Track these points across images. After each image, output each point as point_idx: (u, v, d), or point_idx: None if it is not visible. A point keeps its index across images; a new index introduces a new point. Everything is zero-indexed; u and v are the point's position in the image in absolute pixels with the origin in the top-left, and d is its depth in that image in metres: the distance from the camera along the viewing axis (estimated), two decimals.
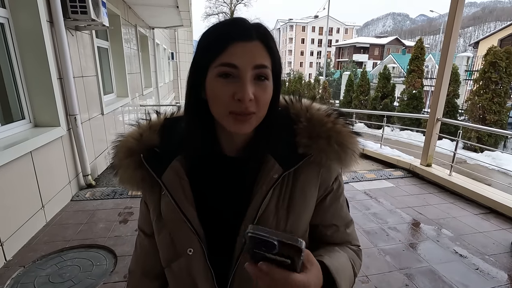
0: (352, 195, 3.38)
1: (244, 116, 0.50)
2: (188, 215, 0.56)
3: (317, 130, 0.57)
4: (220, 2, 37.00)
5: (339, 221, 0.65)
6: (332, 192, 0.63)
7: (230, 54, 0.48)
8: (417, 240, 2.48)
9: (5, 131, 2.32)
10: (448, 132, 6.53)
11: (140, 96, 6.55)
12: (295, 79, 17.29)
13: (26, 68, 2.55)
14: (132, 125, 0.64)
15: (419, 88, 9.65)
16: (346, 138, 0.57)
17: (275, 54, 0.52)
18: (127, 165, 0.60)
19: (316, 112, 0.59)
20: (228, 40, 0.49)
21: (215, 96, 0.51)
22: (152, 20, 7.48)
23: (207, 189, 0.58)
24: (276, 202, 0.57)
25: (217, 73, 0.49)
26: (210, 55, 0.50)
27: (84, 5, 2.87)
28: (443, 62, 3.63)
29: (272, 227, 0.56)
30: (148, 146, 0.60)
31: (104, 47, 4.63)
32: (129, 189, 0.64)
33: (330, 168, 0.60)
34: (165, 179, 0.58)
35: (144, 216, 0.68)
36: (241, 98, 0.48)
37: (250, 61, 0.48)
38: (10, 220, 2.11)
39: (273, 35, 0.53)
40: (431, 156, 3.98)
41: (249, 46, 0.49)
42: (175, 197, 0.57)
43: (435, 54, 23.34)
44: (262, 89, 0.50)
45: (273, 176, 0.56)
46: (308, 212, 0.61)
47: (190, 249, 0.57)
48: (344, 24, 65.66)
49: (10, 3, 2.39)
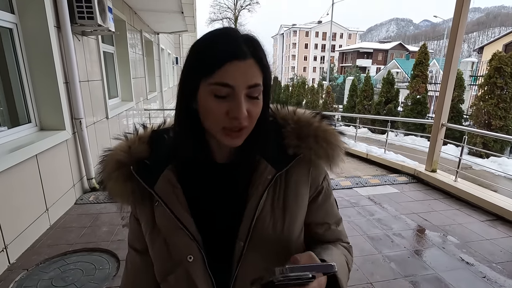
0: (356, 200, 3.35)
1: (237, 132, 0.52)
2: (184, 222, 0.56)
3: (305, 130, 0.60)
4: (224, 8, 37.41)
5: (331, 219, 0.67)
6: (323, 191, 0.65)
7: (225, 73, 0.48)
8: (422, 247, 2.44)
9: (12, 134, 2.35)
10: (453, 138, 6.48)
11: (144, 100, 6.60)
12: (298, 84, 17.31)
13: (33, 73, 2.58)
14: (119, 138, 0.63)
15: (423, 93, 9.62)
16: (332, 136, 0.60)
17: (267, 69, 0.53)
18: (116, 177, 0.59)
19: (302, 114, 0.62)
20: (223, 59, 0.48)
21: (208, 113, 0.51)
22: (157, 25, 7.57)
23: (201, 196, 0.58)
24: (271, 202, 0.58)
25: (211, 91, 0.50)
26: (203, 71, 0.50)
27: (91, 11, 2.91)
28: (447, 67, 3.62)
29: (269, 227, 0.57)
30: (137, 158, 0.59)
31: (110, 52, 4.69)
32: (120, 203, 0.62)
33: (319, 167, 0.63)
34: (158, 189, 0.57)
35: (134, 233, 0.66)
36: (237, 117, 0.49)
37: (245, 81, 0.49)
38: (15, 223, 2.12)
39: (263, 48, 0.54)
40: (436, 162, 3.94)
41: (244, 66, 0.49)
42: (169, 206, 0.57)
43: (439, 59, 23.27)
44: (254, 105, 0.52)
45: (267, 177, 0.57)
46: (302, 211, 0.62)
47: (190, 256, 0.56)
48: (348, 29, 65.88)
49: (18, 8, 2.43)
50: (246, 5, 37.29)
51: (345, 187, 3.74)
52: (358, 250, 2.28)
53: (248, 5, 37.24)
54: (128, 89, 5.27)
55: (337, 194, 3.49)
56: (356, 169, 4.89)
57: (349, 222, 2.79)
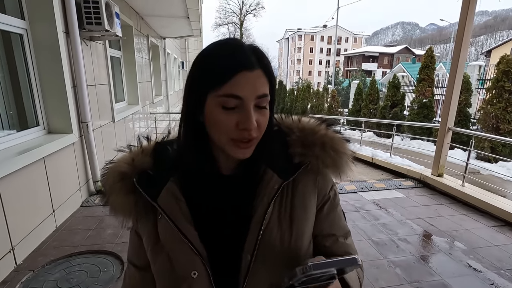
0: (361, 205, 3.32)
1: (246, 143, 0.51)
2: (188, 236, 0.54)
3: (310, 138, 0.59)
4: (230, 13, 37.70)
5: (338, 231, 0.64)
6: (329, 201, 0.63)
7: (234, 85, 0.48)
8: (428, 252, 2.41)
9: (20, 137, 2.39)
10: (460, 142, 6.39)
11: (150, 104, 6.67)
12: (303, 88, 17.31)
13: (42, 77, 2.64)
14: (122, 150, 0.62)
15: (429, 97, 9.54)
16: (339, 143, 0.59)
17: (272, 79, 0.53)
18: (118, 189, 0.57)
19: (307, 123, 0.62)
20: (232, 71, 0.48)
21: (217, 125, 0.50)
22: (164, 30, 7.67)
23: (205, 208, 0.57)
24: (278, 213, 0.57)
25: (219, 103, 0.49)
26: (211, 83, 0.49)
27: (98, 17, 2.97)
28: (454, 71, 3.59)
29: (277, 239, 0.56)
30: (140, 170, 0.58)
31: (117, 56, 4.76)
32: (121, 217, 0.60)
33: (326, 176, 0.62)
34: (161, 202, 0.56)
35: (134, 248, 0.64)
36: (247, 128, 0.49)
37: (254, 92, 0.49)
38: (22, 224, 2.15)
39: (267, 56, 0.54)
40: (442, 166, 3.90)
41: (253, 76, 0.49)
42: (173, 219, 0.55)
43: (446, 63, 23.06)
44: (263, 115, 0.52)
45: (273, 187, 0.56)
46: (310, 222, 0.60)
47: (194, 271, 0.54)
48: (353, 33, 65.82)
49: (29, 14, 2.49)
50: (252, 10, 37.56)
51: (350, 191, 3.71)
52: (362, 255, 2.25)
53: (253, 10, 37.52)
54: (135, 93, 5.33)
55: (342, 198, 3.46)
56: (361, 173, 4.85)
57: (354, 226, 2.77)
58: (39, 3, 2.50)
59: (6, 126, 2.37)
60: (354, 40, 65.50)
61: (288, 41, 67.46)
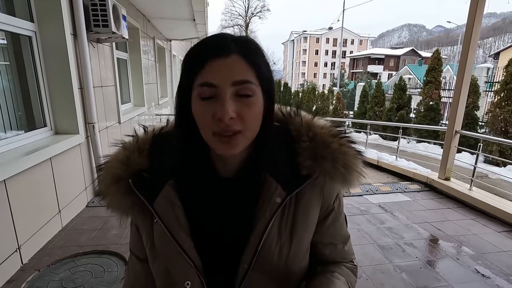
0: (366, 208, 3.29)
1: (228, 137, 0.47)
2: (184, 246, 0.53)
3: (321, 151, 0.54)
4: (235, 15, 37.97)
5: (338, 239, 0.63)
6: (333, 211, 0.61)
7: (207, 73, 0.46)
8: (435, 257, 2.37)
9: (28, 138, 2.42)
10: (467, 145, 6.31)
11: (156, 106, 6.72)
12: (308, 90, 17.28)
13: (50, 78, 2.67)
14: (117, 145, 0.60)
15: (436, 99, 9.44)
16: (351, 160, 0.55)
17: (260, 67, 0.48)
18: (114, 191, 0.56)
19: (319, 131, 0.56)
20: (204, 58, 0.46)
21: (198, 118, 0.48)
22: (170, 32, 7.73)
23: (203, 215, 0.54)
24: (279, 226, 0.55)
25: (198, 94, 0.47)
26: (189, 75, 0.48)
27: (105, 19, 3.01)
28: (461, 73, 3.54)
29: (275, 252, 0.54)
30: (136, 171, 0.56)
31: (123, 58, 4.81)
32: (119, 215, 0.59)
33: (332, 187, 0.59)
34: (157, 207, 0.54)
35: (135, 240, 0.63)
36: (221, 117, 0.45)
37: (229, 78, 0.46)
38: (28, 224, 2.17)
39: (259, 47, 0.50)
40: (449, 170, 3.84)
41: (227, 62, 0.46)
42: (168, 226, 0.53)
43: (453, 65, 22.81)
44: (246, 106, 0.47)
45: (276, 200, 0.53)
46: (310, 233, 0.59)
47: (188, 282, 0.53)
48: (359, 35, 65.58)
49: (38, 17, 2.53)
50: (257, 13, 37.75)
51: (355, 194, 3.68)
52: (367, 259, 2.23)
53: (259, 12, 37.71)
54: (140, 94, 5.38)
55: (347, 201, 3.43)
56: (366, 176, 4.81)
57: (359, 230, 2.74)
58: (48, 5, 2.53)
59: (14, 126, 2.40)
60: (359, 42, 65.25)
61: (293, 43, 67.47)
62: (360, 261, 2.19)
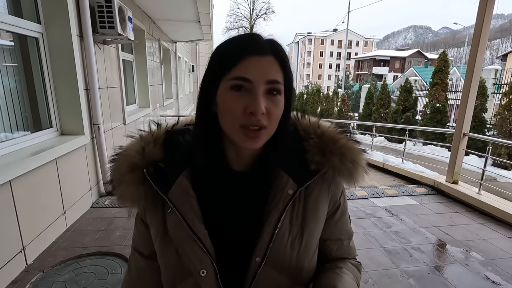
0: (372, 211, 3.24)
1: (255, 132, 0.49)
2: (199, 234, 0.54)
3: (329, 147, 0.58)
4: (240, 17, 38.06)
5: (344, 235, 0.66)
6: (340, 207, 0.64)
7: (243, 68, 0.48)
8: (443, 262, 2.32)
9: (34, 139, 2.43)
10: (475, 148, 6.20)
11: (161, 107, 6.74)
12: (313, 92, 17.23)
13: (56, 79, 2.69)
14: (133, 136, 0.62)
15: (443, 101, 9.33)
16: (357, 155, 0.59)
17: (287, 70, 0.52)
18: (128, 180, 0.57)
19: (327, 129, 0.60)
20: (242, 54, 0.49)
21: (227, 109, 0.50)
22: (175, 34, 7.77)
23: (216, 206, 0.56)
24: (290, 219, 0.57)
25: (230, 86, 0.49)
26: (223, 68, 0.50)
27: (111, 21, 3.02)
28: (469, 75, 3.49)
29: (287, 245, 0.56)
30: (151, 161, 0.57)
31: (129, 59, 4.84)
32: (129, 206, 0.59)
33: (338, 183, 0.62)
34: (172, 196, 0.55)
35: (141, 236, 0.63)
36: (254, 111, 0.48)
37: (263, 76, 0.49)
38: (33, 224, 2.18)
39: (286, 51, 0.53)
40: (457, 173, 3.78)
41: (263, 61, 0.49)
42: (184, 215, 0.54)
43: (460, 67, 22.57)
44: (274, 104, 0.50)
45: (288, 192, 0.55)
46: (320, 229, 0.61)
47: (203, 270, 0.54)
48: (364, 37, 65.33)
49: (45, 19, 2.55)
50: (262, 14, 37.81)
51: (361, 197, 3.64)
52: (374, 264, 2.19)
53: (263, 14, 37.76)
54: (146, 95, 5.40)
55: (352, 204, 3.39)
56: (372, 178, 4.75)
57: (365, 234, 2.70)
58: (55, 7, 2.55)
59: (21, 127, 2.42)
60: (364, 44, 65.00)
61: (298, 45, 67.45)
62: (366, 265, 2.15)
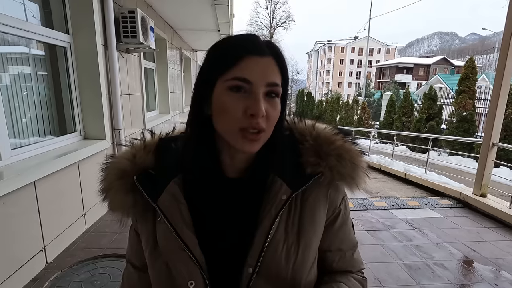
0: (392, 223, 3.10)
1: (254, 134, 0.47)
2: (188, 243, 0.51)
3: (325, 148, 0.55)
4: (260, 26, 38.59)
5: (346, 246, 0.61)
6: (340, 214, 0.59)
7: (243, 68, 0.46)
8: (469, 281, 2.16)
9: (59, 142, 2.56)
10: (506, 159, 5.83)
11: (180, 114, 6.91)
12: (332, 99, 17.03)
13: (81, 86, 2.83)
14: (125, 145, 0.61)
15: (470, 110, 8.89)
16: (356, 157, 0.56)
17: (285, 72, 0.51)
18: (118, 187, 0.56)
19: (322, 130, 0.58)
20: (242, 54, 0.47)
21: (225, 111, 0.48)
22: (195, 43, 7.99)
23: (208, 213, 0.54)
24: (285, 226, 0.53)
25: (228, 86, 0.47)
26: (221, 68, 0.48)
27: (134, 30, 3.16)
28: (499, 82, 3.30)
29: (282, 254, 0.52)
30: (142, 168, 0.56)
31: (151, 68, 5.01)
32: (120, 216, 0.58)
33: (338, 188, 0.58)
34: (161, 204, 0.53)
35: (133, 247, 0.62)
36: (255, 113, 0.46)
37: (264, 78, 0.47)
38: (55, 224, 2.27)
39: (282, 52, 0.52)
40: (486, 185, 3.55)
41: (263, 62, 0.47)
42: (172, 223, 0.52)
43: (489, 74, 21.50)
44: (272, 107, 0.49)
45: (282, 197, 0.52)
46: (318, 237, 0.57)
47: (192, 281, 0.51)
48: (386, 44, 64.04)
49: (73, 29, 2.71)
50: (282, 23, 38.17)
51: (380, 208, 3.50)
52: (392, 279, 2.08)
53: (283, 23, 38.11)
54: (166, 102, 5.56)
55: (370, 215, 3.27)
56: (392, 189, 4.58)
57: (383, 246, 2.58)
58: (82, 18, 2.70)
59: (48, 131, 2.55)
60: (386, 51, 63.65)
61: (318, 53, 67.21)
62: (384, 280, 2.05)
